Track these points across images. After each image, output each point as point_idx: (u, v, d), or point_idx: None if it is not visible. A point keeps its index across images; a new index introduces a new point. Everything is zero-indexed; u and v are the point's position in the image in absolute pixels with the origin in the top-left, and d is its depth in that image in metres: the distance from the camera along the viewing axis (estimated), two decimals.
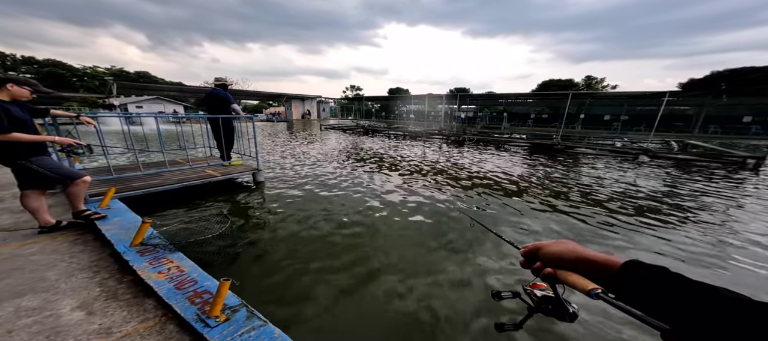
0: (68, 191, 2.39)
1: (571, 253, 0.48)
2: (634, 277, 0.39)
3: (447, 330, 1.84)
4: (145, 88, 30.18)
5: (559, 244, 0.51)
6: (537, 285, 0.59)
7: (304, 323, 1.88)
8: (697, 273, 2.58)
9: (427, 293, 2.18)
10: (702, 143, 12.14)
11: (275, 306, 1.98)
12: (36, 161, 2.17)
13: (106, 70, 45.83)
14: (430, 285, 2.27)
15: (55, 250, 2.09)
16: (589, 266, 0.45)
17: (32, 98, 2.25)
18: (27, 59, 42.12)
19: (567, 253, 0.48)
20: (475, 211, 3.60)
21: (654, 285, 0.37)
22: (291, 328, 1.65)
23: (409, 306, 2.04)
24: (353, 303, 2.06)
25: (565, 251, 0.49)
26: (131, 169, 4.14)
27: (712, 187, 5.79)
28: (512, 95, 22.79)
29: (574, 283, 0.45)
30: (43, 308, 1.50)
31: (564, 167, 7.72)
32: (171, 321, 1.43)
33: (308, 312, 1.96)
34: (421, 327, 1.86)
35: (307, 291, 2.17)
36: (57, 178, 2.28)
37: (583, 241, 3.08)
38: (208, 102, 4.94)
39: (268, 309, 1.74)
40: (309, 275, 2.37)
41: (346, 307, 2.02)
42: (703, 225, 3.70)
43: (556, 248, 0.50)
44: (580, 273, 0.46)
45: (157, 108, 28.90)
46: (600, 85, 40.34)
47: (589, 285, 0.43)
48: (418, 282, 2.30)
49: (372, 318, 1.94)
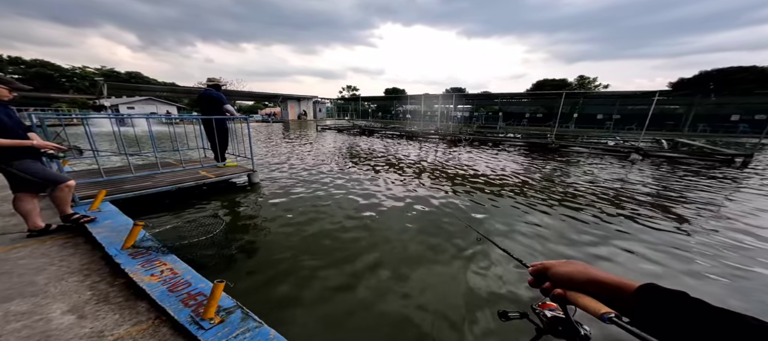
0: (53, 196, 2.34)
1: (582, 274, 0.46)
2: (650, 302, 0.37)
3: (445, 333, 1.85)
4: (137, 88, 29.69)
5: (569, 264, 0.50)
6: (547, 304, 0.57)
7: (299, 324, 1.87)
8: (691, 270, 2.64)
9: (423, 293, 2.19)
10: (691, 141, 12.42)
11: (271, 307, 1.98)
12: (18, 166, 2.09)
13: (96, 70, 44.90)
14: (426, 288, 2.28)
15: (44, 254, 2.05)
16: (601, 288, 0.43)
17: (12, 97, 2.16)
18: (13, 59, 41.03)
19: (578, 274, 0.47)
20: (479, 220, 3.62)
21: (673, 311, 0.35)
22: (287, 329, 1.65)
23: (406, 308, 2.05)
24: (349, 304, 2.06)
25: (575, 272, 0.47)
26: (122, 171, 4.08)
27: (703, 183, 5.93)
28: (507, 94, 22.97)
29: (586, 305, 0.43)
30: (33, 312, 1.47)
31: (558, 166, 7.83)
32: (164, 324, 1.42)
33: (304, 313, 1.96)
34: (418, 330, 1.87)
35: (302, 291, 2.17)
36: (41, 183, 2.22)
37: (580, 233, 3.13)
38: (201, 103, 4.88)
39: (263, 310, 1.74)
40: (304, 276, 2.36)
41: (341, 307, 2.03)
42: (692, 220, 3.79)
43: (566, 269, 0.49)
44: (592, 295, 0.44)
45: (149, 109, 28.46)
46: (592, 84, 40.96)
47: (602, 309, 0.40)
48: (414, 284, 2.32)
49: (367, 319, 1.95)
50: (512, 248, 2.93)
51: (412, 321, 1.90)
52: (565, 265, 0.50)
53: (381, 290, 2.20)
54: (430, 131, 17.00)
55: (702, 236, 3.34)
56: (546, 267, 0.52)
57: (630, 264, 2.71)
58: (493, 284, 2.30)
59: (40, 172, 2.21)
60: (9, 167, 2.07)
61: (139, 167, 4.60)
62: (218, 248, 2.53)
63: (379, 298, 2.11)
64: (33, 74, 38.56)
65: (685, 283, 2.44)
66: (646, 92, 14.17)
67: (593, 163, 8.45)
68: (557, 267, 0.51)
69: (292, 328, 1.81)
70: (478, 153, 9.92)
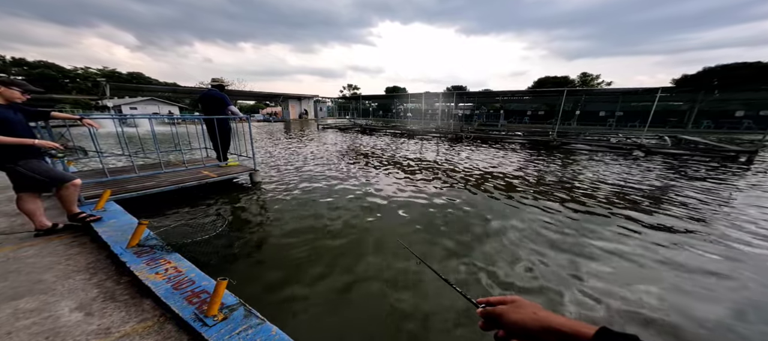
0: (59, 195, 2.38)
1: (536, 322, 0.45)
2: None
3: (435, 324, 1.88)
4: (139, 89, 29.82)
5: (520, 310, 0.49)
6: None
7: (301, 320, 1.90)
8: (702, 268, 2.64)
9: (422, 289, 2.21)
10: (696, 137, 12.32)
11: (273, 304, 2.01)
12: (24, 165, 2.14)
13: (98, 71, 45.13)
14: (425, 283, 2.31)
15: (51, 252, 2.09)
16: (557, 336, 0.43)
17: (25, 98, 2.23)
18: (18, 61, 41.36)
19: (532, 322, 0.46)
20: (480, 218, 3.60)
21: None
22: (288, 326, 1.68)
23: (406, 304, 2.07)
24: (350, 301, 2.09)
25: (529, 320, 0.46)
26: (126, 171, 4.12)
27: (708, 182, 5.90)
28: (508, 92, 22.85)
29: None
30: (42, 309, 1.51)
31: (560, 164, 7.81)
32: (169, 321, 1.45)
33: (306, 310, 1.99)
34: (414, 325, 1.89)
35: (304, 288, 2.20)
36: (47, 181, 2.26)
37: (580, 234, 3.14)
38: (204, 103, 4.91)
39: (265, 307, 1.77)
40: (306, 272, 2.39)
41: (343, 304, 2.05)
42: (699, 219, 3.78)
43: (518, 317, 0.48)
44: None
45: (151, 109, 28.56)
46: (595, 81, 40.65)
47: None
48: (414, 281, 2.34)
49: (368, 315, 1.97)
50: (505, 248, 2.94)
51: (414, 319, 1.92)
52: (515, 312, 0.49)
53: (383, 288, 2.23)
54: (430, 130, 16.98)
55: (713, 235, 3.33)
56: (497, 313, 0.50)
57: (636, 266, 2.71)
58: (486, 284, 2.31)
59: (46, 171, 2.25)
60: (16, 166, 2.11)
61: (143, 167, 4.65)
62: (221, 246, 2.57)
63: (381, 295, 2.14)
64: (37, 75, 38.84)
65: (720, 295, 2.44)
66: (649, 89, 14.04)
67: (594, 160, 8.42)
68: (509, 314, 0.49)
69: (294, 325, 1.83)
70: (479, 151, 9.91)
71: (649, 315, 2.00)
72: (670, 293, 2.24)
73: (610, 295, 2.19)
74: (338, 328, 1.85)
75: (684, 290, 2.29)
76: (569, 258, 2.70)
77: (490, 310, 0.52)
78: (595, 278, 2.41)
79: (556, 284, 2.32)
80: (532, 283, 2.35)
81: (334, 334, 1.81)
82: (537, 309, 0.48)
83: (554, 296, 2.18)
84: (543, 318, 0.45)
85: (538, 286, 2.30)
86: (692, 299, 2.18)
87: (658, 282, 2.38)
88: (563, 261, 2.65)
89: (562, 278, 2.40)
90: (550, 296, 2.19)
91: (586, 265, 2.60)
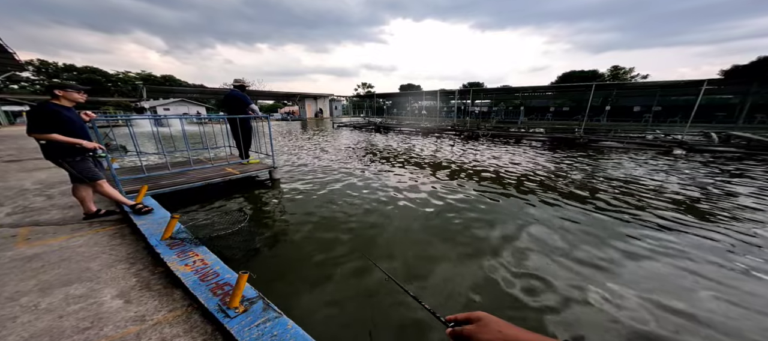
0: (96, 191, 2.70)
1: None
2: None
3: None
4: (171, 91, 32.08)
5: (486, 329, 0.49)
6: None
7: (316, 315, 1.95)
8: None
9: (439, 289, 2.19)
10: (747, 134, 11.02)
11: (290, 298, 2.08)
12: (71, 163, 2.48)
13: (137, 75, 48.97)
14: (443, 282, 2.27)
15: (97, 242, 2.31)
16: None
17: (84, 100, 2.59)
18: (68, 67, 45.88)
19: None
20: (486, 218, 3.46)
21: None
22: (304, 320, 1.73)
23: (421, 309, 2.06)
24: (365, 297, 2.11)
25: (495, 340, 0.47)
26: (160, 167, 4.45)
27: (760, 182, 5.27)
28: (529, 88, 21.81)
29: None
30: (88, 296, 1.67)
31: (586, 162, 7.34)
32: (195, 311, 1.55)
33: (321, 305, 2.04)
34: (433, 326, 1.87)
35: (320, 284, 2.25)
36: (85, 179, 2.58)
37: (607, 237, 2.94)
38: (227, 103, 5.17)
39: (282, 300, 1.83)
40: (323, 268, 2.45)
41: (358, 301, 2.08)
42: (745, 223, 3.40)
43: (486, 338, 0.48)
44: None
45: (182, 110, 30.55)
46: (628, 75, 37.60)
47: None
48: (435, 280, 2.31)
49: (385, 313, 1.98)
50: (512, 248, 2.81)
51: (424, 320, 1.91)
52: (483, 332, 0.49)
53: (397, 289, 2.22)
54: (446, 127, 16.64)
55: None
56: (466, 334, 0.51)
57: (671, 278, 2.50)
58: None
59: (83, 170, 2.56)
60: (64, 162, 2.46)
61: (174, 164, 4.99)
62: (242, 240, 2.70)
63: (396, 295, 2.14)
64: (84, 79, 42.90)
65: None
66: (692, 82, 12.72)
67: (623, 158, 7.81)
68: (477, 334, 0.49)
69: (309, 320, 1.89)
70: (498, 149, 9.56)
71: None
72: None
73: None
74: (354, 323, 1.88)
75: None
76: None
77: (458, 330, 0.52)
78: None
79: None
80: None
81: (350, 329, 1.84)
82: (502, 327, 0.48)
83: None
84: (510, 337, 0.46)
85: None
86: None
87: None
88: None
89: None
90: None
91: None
